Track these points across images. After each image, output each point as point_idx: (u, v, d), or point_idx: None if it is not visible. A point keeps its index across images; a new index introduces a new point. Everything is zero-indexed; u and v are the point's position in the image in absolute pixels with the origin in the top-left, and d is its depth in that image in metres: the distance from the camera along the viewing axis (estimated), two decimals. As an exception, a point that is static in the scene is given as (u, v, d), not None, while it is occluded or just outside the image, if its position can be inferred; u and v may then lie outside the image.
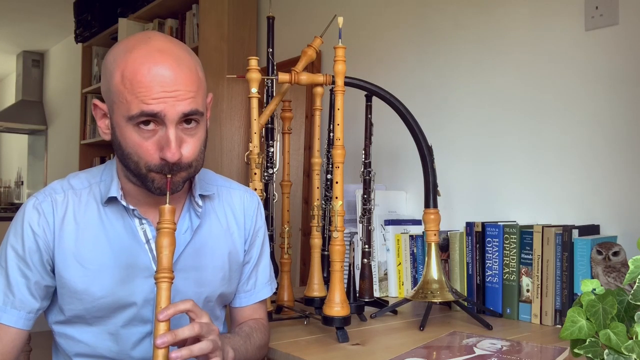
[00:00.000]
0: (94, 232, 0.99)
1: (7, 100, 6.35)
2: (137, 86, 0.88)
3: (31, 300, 0.98)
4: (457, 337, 1.22)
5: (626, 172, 1.46)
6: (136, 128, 0.91)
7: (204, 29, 2.68)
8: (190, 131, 0.94)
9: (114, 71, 0.91)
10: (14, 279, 0.97)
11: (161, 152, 0.91)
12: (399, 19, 2.08)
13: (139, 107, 0.88)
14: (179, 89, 0.90)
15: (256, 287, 1.17)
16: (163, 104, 0.89)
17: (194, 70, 0.93)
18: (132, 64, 0.89)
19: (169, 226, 0.86)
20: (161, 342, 0.81)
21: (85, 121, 4.13)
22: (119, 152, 0.95)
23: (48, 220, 0.98)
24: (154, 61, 0.89)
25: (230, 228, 1.12)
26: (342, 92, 1.30)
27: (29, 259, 0.97)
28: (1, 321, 0.97)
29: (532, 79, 1.67)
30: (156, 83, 0.88)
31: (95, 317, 1.00)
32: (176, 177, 0.94)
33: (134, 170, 0.94)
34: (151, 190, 0.96)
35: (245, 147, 2.67)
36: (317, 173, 1.56)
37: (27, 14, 4.64)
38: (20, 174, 6.23)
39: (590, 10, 1.53)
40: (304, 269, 2.27)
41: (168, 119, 0.90)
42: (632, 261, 0.76)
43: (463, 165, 1.83)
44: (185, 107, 0.90)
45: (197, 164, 0.97)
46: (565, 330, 0.78)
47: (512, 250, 1.47)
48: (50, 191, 1.01)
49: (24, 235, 0.98)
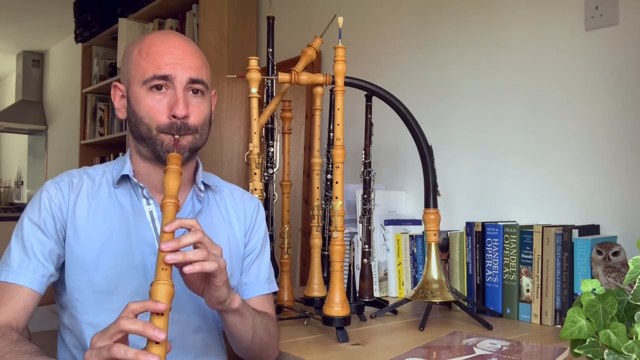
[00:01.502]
0: (104, 209, 1.08)
1: (7, 100, 6.35)
2: (152, 55, 1.04)
3: (46, 264, 1.03)
4: (457, 337, 1.22)
5: (626, 172, 1.46)
6: (149, 92, 1.04)
7: (204, 29, 2.68)
8: (196, 100, 1.06)
9: (133, 50, 1.07)
10: (30, 244, 1.03)
11: (171, 111, 1.03)
12: (399, 19, 2.08)
13: (153, 71, 1.03)
14: (186, 58, 1.05)
15: (259, 281, 1.18)
16: (173, 69, 1.03)
17: (199, 52, 1.10)
18: (148, 40, 1.07)
19: (174, 167, 0.95)
20: (166, 246, 0.84)
21: (85, 121, 4.12)
22: (132, 121, 1.06)
23: (64, 195, 1.07)
24: (166, 37, 1.07)
25: (231, 221, 1.18)
26: (342, 92, 1.31)
27: (44, 226, 1.04)
28: (16, 282, 1.00)
29: (532, 79, 1.67)
30: (168, 52, 1.04)
31: (98, 291, 1.03)
32: (183, 141, 1.04)
33: (146, 135, 1.04)
34: (159, 154, 1.04)
35: (245, 147, 2.67)
36: (317, 173, 1.56)
37: (27, 14, 4.64)
38: (20, 174, 6.22)
39: (590, 10, 1.53)
40: (304, 269, 2.27)
41: (177, 81, 1.03)
42: (632, 261, 0.76)
43: (463, 165, 1.83)
44: (192, 74, 1.04)
45: (202, 131, 1.08)
46: (565, 330, 0.78)
47: (512, 250, 1.47)
48: (68, 174, 1.11)
49: (41, 206, 1.05)
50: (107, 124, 3.96)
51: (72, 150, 4.51)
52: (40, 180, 5.70)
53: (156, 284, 0.82)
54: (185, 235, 0.87)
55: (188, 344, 1.09)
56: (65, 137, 5.12)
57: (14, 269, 1.01)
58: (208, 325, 1.13)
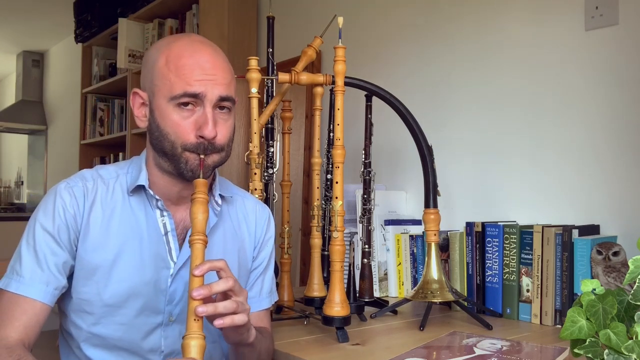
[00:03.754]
0: (118, 219, 1.04)
1: (7, 100, 6.35)
2: (181, 68, 0.98)
3: (58, 276, 1.00)
4: (457, 337, 1.22)
5: (626, 172, 1.46)
6: (176, 108, 0.99)
7: (204, 29, 2.68)
8: (223, 116, 1.02)
9: (158, 57, 1.01)
10: (43, 255, 0.99)
11: (199, 131, 0.98)
12: (399, 19, 2.08)
13: (183, 88, 0.97)
14: (217, 74, 1.00)
15: (261, 295, 1.19)
16: (204, 86, 0.98)
17: (228, 63, 1.05)
18: (177, 50, 1.00)
19: (202, 196, 0.91)
20: (197, 294, 0.83)
21: (85, 121, 4.12)
22: (155, 134, 1.01)
23: (79, 203, 1.03)
24: (196, 49, 1.00)
25: (242, 234, 1.16)
26: (342, 92, 1.30)
27: (58, 237, 1.00)
28: (29, 295, 0.97)
29: (532, 79, 1.67)
30: (198, 67, 0.98)
31: (107, 304, 1.01)
32: (208, 160, 1.01)
33: (169, 152, 1.00)
34: (183, 172, 1.00)
35: (245, 147, 2.66)
36: (317, 173, 1.56)
37: (27, 14, 4.64)
38: (20, 174, 6.22)
39: (590, 10, 1.53)
40: (304, 269, 2.27)
41: (207, 99, 0.98)
42: (632, 261, 0.76)
43: (463, 165, 1.83)
44: (222, 91, 1.00)
45: (228, 149, 1.04)
46: (565, 330, 0.78)
47: (512, 250, 1.47)
48: (81, 177, 1.06)
49: (55, 214, 1.01)
50: (107, 124, 3.96)
51: (72, 150, 4.51)
52: (40, 180, 5.69)
53: (189, 339, 0.81)
54: (217, 283, 0.86)
55: None
56: (65, 137, 5.12)
57: (26, 280, 0.97)
58: (212, 337, 1.10)
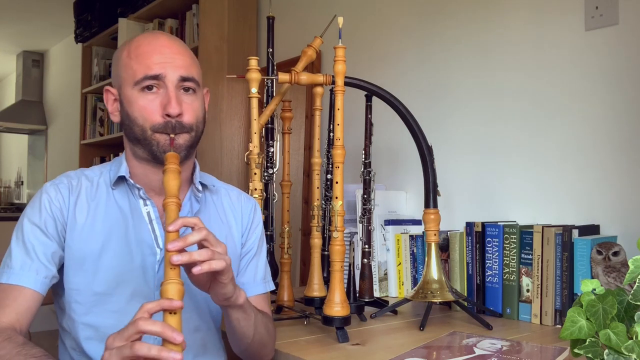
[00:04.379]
0: (103, 211, 1.08)
1: (7, 100, 6.35)
2: (141, 56, 1.04)
3: (48, 265, 1.02)
4: (457, 337, 1.22)
5: (626, 172, 1.46)
6: (141, 93, 1.04)
7: (204, 29, 2.68)
8: (188, 98, 1.06)
9: (122, 52, 1.08)
10: (31, 245, 1.02)
11: (164, 110, 1.03)
12: (399, 19, 2.08)
13: (144, 72, 1.03)
14: (175, 57, 1.05)
15: (255, 280, 1.19)
16: (163, 68, 1.03)
17: (188, 50, 1.10)
18: (137, 42, 1.07)
19: (173, 166, 0.95)
20: (172, 246, 0.84)
21: (85, 121, 4.12)
22: (126, 122, 1.06)
23: (64, 197, 1.07)
24: (154, 37, 1.07)
25: (229, 221, 1.18)
26: (342, 92, 1.31)
27: (45, 227, 1.04)
28: (19, 283, 0.99)
29: (532, 79, 1.67)
30: (156, 52, 1.04)
31: (97, 292, 1.04)
32: (179, 139, 1.04)
33: (140, 136, 1.04)
34: (156, 154, 1.04)
35: (245, 147, 2.67)
36: (317, 173, 1.56)
37: (27, 14, 4.64)
38: (20, 174, 6.23)
39: (590, 10, 1.53)
40: (304, 269, 2.27)
41: (168, 80, 1.03)
42: (632, 261, 0.76)
43: (463, 165, 1.83)
44: (182, 72, 1.04)
45: (197, 129, 1.08)
46: (565, 330, 0.78)
47: (512, 250, 1.47)
48: (66, 176, 1.12)
49: (42, 207, 1.05)
50: (107, 124, 3.96)
51: (72, 150, 4.51)
52: (40, 180, 5.70)
53: (167, 284, 0.83)
54: (190, 234, 0.87)
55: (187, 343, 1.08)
56: (65, 137, 5.12)
57: (16, 270, 1.00)
58: (206, 324, 1.13)
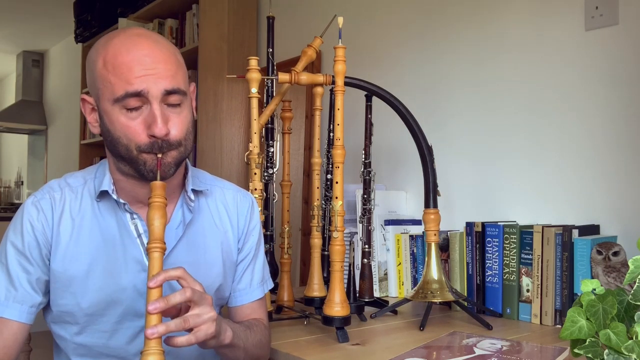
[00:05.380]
0: (89, 226, 1.01)
1: (7, 100, 6.35)
2: (119, 68, 0.92)
3: (33, 294, 0.98)
4: (457, 337, 1.22)
5: (626, 172, 1.46)
6: (122, 110, 0.93)
7: (204, 29, 2.68)
8: (175, 110, 0.96)
9: (97, 59, 0.95)
10: (15, 274, 0.97)
11: (149, 130, 0.93)
12: (399, 19, 2.08)
13: (123, 88, 0.91)
14: (157, 67, 0.93)
15: (252, 286, 1.15)
16: (145, 82, 0.92)
17: (172, 52, 0.97)
18: (112, 49, 0.94)
19: (159, 200, 0.88)
20: (153, 307, 0.81)
21: (85, 121, 4.12)
22: (108, 139, 0.97)
23: (47, 216, 1.00)
24: (133, 43, 0.94)
25: (224, 226, 1.12)
26: (342, 92, 1.31)
27: (29, 254, 0.98)
28: (3, 315, 0.96)
29: (532, 79, 1.67)
30: (136, 63, 0.92)
31: (87, 314, 1.00)
32: (167, 158, 0.96)
33: (125, 155, 0.96)
34: (143, 174, 0.96)
35: (245, 147, 2.67)
36: (317, 173, 1.56)
37: (27, 14, 4.64)
38: (20, 174, 6.23)
39: (590, 10, 1.53)
40: (304, 269, 2.27)
41: (152, 95, 0.92)
42: (632, 261, 0.76)
43: (463, 165, 1.83)
44: (167, 84, 0.93)
45: (186, 143, 0.99)
46: (565, 330, 0.78)
47: (512, 250, 1.47)
48: (49, 189, 1.03)
49: (24, 231, 0.99)
50: (107, 124, 3.96)
51: (72, 150, 4.51)
52: (40, 180, 5.70)
53: (146, 355, 0.79)
54: (173, 295, 0.84)
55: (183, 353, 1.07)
56: (65, 137, 5.12)
57: (1, 301, 0.96)
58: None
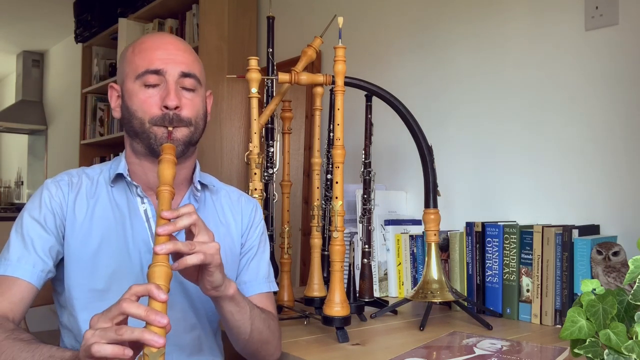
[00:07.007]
0: (102, 208, 1.09)
1: (7, 100, 6.34)
2: (145, 52, 1.07)
3: (45, 259, 1.04)
4: (457, 337, 1.22)
5: (626, 172, 1.46)
6: (142, 88, 1.05)
7: (204, 29, 2.68)
8: (189, 94, 1.08)
9: (128, 49, 1.10)
10: (29, 239, 1.03)
11: (162, 102, 1.04)
12: (399, 19, 2.08)
13: (145, 66, 1.05)
14: (178, 54, 1.07)
15: (257, 278, 1.18)
16: (164, 63, 1.05)
17: (192, 50, 1.12)
18: (142, 40, 1.10)
19: (169, 156, 0.96)
20: (162, 230, 0.85)
21: (85, 121, 4.12)
22: (126, 116, 1.08)
23: (64, 193, 1.09)
24: (160, 36, 1.11)
25: (228, 221, 1.18)
26: (342, 92, 1.31)
27: (44, 222, 1.05)
28: (14, 274, 1.01)
29: (532, 79, 1.67)
30: (159, 48, 1.07)
31: (95, 289, 1.04)
32: (177, 133, 1.06)
33: (139, 129, 1.06)
34: (153, 147, 1.05)
35: (245, 147, 2.67)
36: (317, 173, 1.56)
37: (27, 14, 4.63)
38: (20, 174, 6.22)
39: (590, 10, 1.53)
40: (304, 269, 2.27)
41: (169, 74, 1.05)
42: (632, 261, 0.76)
43: (463, 165, 1.83)
44: (184, 68, 1.06)
45: (196, 125, 1.09)
46: (565, 330, 0.78)
47: (512, 250, 1.47)
48: (67, 174, 1.13)
49: (42, 203, 1.07)
50: (107, 124, 3.96)
51: (72, 150, 4.50)
52: (40, 180, 5.69)
53: (154, 266, 0.83)
54: (180, 218, 0.88)
55: (183, 342, 1.09)
56: (65, 137, 5.12)
57: (13, 262, 1.01)
58: (202, 323, 1.13)
